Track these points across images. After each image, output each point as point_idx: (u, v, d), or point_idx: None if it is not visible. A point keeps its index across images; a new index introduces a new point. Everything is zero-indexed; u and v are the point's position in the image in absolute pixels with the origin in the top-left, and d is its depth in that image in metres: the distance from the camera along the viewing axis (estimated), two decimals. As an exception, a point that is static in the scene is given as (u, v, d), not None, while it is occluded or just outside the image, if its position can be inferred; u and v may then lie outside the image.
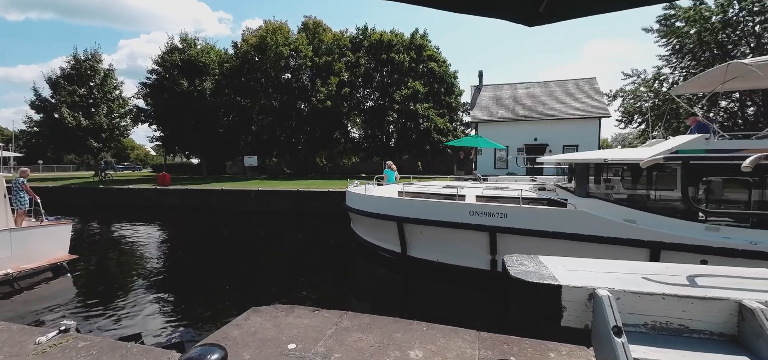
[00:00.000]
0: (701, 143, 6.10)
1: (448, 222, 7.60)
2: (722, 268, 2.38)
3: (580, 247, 6.63)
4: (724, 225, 6.02)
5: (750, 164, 2.04)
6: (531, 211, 7.06)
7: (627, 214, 6.57)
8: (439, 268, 8.04)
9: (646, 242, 6.25)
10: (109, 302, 6.80)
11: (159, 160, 51.38)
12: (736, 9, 19.81)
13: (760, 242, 5.63)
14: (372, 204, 8.85)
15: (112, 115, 32.85)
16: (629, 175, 7.17)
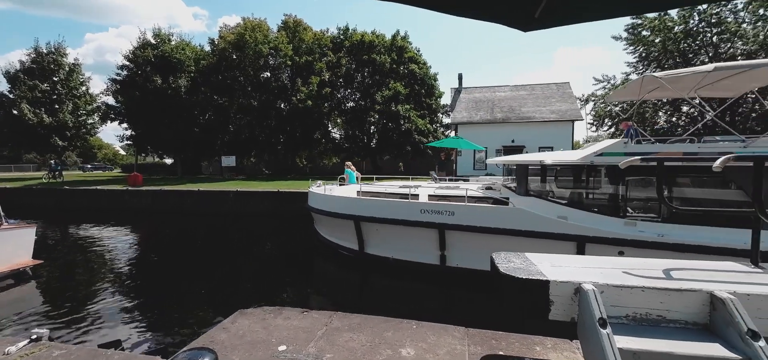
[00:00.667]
0: (620, 147, 6.88)
1: (401, 220, 8.00)
2: (695, 262, 2.55)
3: (519, 241, 7.18)
4: (640, 220, 6.67)
5: (720, 165, 2.20)
6: (475, 209, 7.58)
7: (560, 211, 7.15)
8: (393, 265, 8.41)
9: (573, 236, 6.85)
10: (81, 309, 6.45)
11: (129, 160, 49.11)
12: (696, 20, 21.13)
13: (665, 235, 6.38)
14: (331, 204, 9.12)
15: (78, 112, 31.17)
16: (563, 175, 7.85)
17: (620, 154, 6.67)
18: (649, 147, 6.73)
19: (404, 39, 30.56)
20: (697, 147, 6.56)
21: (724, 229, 6.16)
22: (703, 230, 6.28)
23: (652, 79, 6.90)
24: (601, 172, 7.20)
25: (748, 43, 20.09)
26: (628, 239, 6.51)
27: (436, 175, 11.42)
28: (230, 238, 13.04)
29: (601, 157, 6.91)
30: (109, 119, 31.10)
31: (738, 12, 20.74)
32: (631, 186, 7.02)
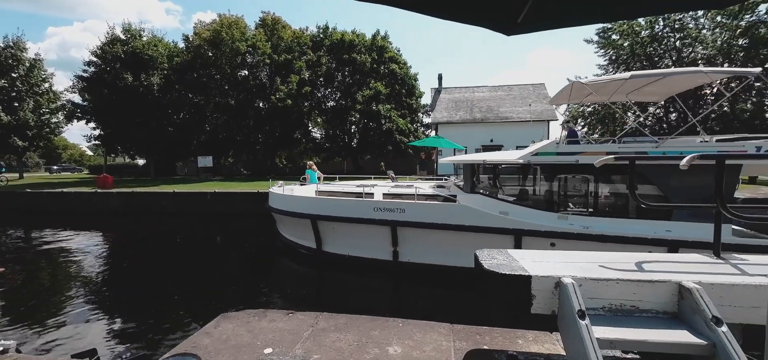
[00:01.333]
0: (552, 148, 7.42)
1: (355, 218, 8.29)
2: (664, 255, 2.71)
3: (464, 236, 7.57)
4: (571, 214, 7.25)
5: (686, 163, 2.35)
6: (424, 206, 7.96)
7: (502, 207, 7.61)
8: (349, 261, 8.70)
9: (512, 230, 7.32)
10: (50, 318, 6.12)
11: (98, 161, 46.77)
12: (661, 25, 22.29)
13: (590, 227, 6.99)
14: (290, 204, 9.30)
15: (40, 110, 29.37)
16: (504, 174, 8.37)
17: (553, 154, 7.29)
18: (575, 147, 7.32)
19: (384, 39, 30.62)
20: (617, 147, 7.15)
21: (638, 221, 6.86)
22: (622, 222, 6.94)
23: (579, 85, 7.49)
24: (538, 170, 7.74)
25: (708, 48, 21.38)
26: (559, 232, 7.05)
27: (392, 174, 11.88)
28: (208, 241, 12.69)
29: (536, 156, 7.43)
30: (75, 118, 29.46)
31: (698, 18, 22.01)
32: (564, 183, 7.62)
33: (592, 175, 7.29)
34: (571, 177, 7.54)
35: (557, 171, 7.48)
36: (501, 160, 8.13)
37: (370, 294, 7.78)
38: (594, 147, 7.29)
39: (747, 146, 6.47)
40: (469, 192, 8.14)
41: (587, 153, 7.11)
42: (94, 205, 18.62)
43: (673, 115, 24.23)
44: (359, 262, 8.60)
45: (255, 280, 8.80)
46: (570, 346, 2.08)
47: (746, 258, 2.55)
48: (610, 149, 7.05)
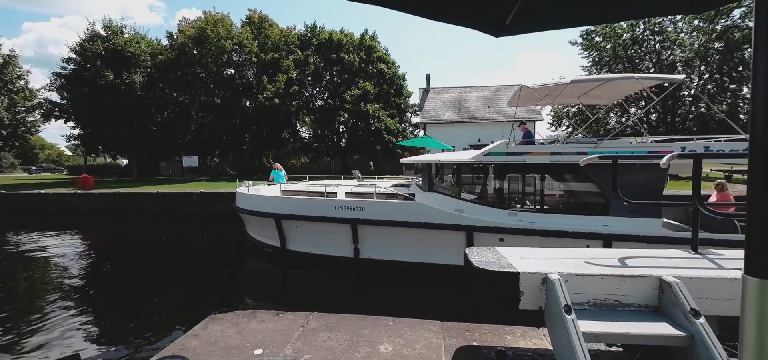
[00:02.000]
0: (502, 148, 7.78)
1: (317, 217, 8.50)
2: (645, 251, 2.81)
3: (422, 233, 7.89)
4: (520, 211, 7.69)
5: (666, 161, 2.44)
6: (383, 205, 8.26)
7: (457, 205, 7.92)
8: (312, 259, 8.91)
9: (464, 227, 7.66)
10: (30, 323, 5.91)
11: (77, 161, 45.31)
12: (642, 28, 22.94)
13: (535, 222, 7.39)
14: (255, 203, 9.46)
15: (15, 108, 28.29)
16: (460, 173, 8.64)
17: (502, 154, 7.72)
18: (523, 148, 7.79)
19: (373, 38, 30.60)
20: (561, 147, 7.57)
21: (580, 216, 7.36)
22: (565, 218, 7.41)
23: (527, 90, 8.04)
24: (490, 170, 8.10)
25: (686, 51, 22.11)
26: (507, 228, 7.43)
27: (358, 173, 12.12)
28: (194, 242, 12.46)
29: (488, 156, 7.79)
30: (53, 117, 28.46)
31: (677, 22, 22.75)
32: (513, 182, 8.06)
33: (538, 174, 7.75)
34: (519, 176, 8.00)
35: (507, 170, 7.91)
36: (455, 160, 8.44)
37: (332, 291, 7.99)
38: (539, 148, 7.75)
39: (674, 147, 7.08)
40: (427, 191, 8.47)
41: (534, 153, 7.57)
42: (74, 206, 18.04)
43: (653, 116, 24.98)
44: (322, 260, 8.78)
45: (224, 281, 8.80)
46: (557, 341, 2.13)
47: (722, 252, 2.66)
48: (555, 150, 7.48)
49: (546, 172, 7.70)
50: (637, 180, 6.96)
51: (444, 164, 8.55)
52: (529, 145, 7.97)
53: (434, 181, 8.64)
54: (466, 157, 8.03)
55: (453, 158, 8.50)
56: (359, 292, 8.02)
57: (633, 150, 7.09)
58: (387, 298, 7.51)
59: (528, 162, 7.54)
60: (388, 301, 7.32)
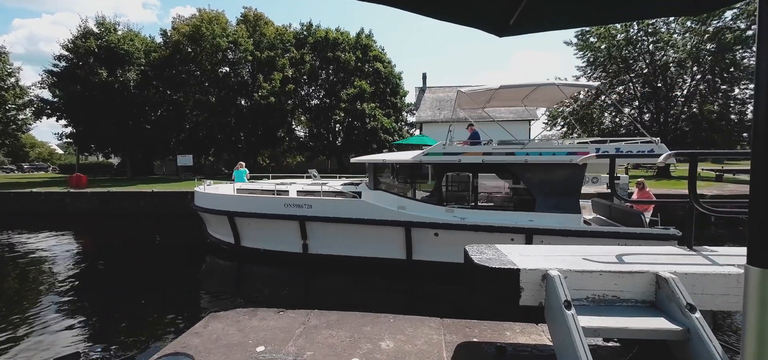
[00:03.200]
0: (439, 149, 8.24)
1: (268, 214, 8.86)
2: (642, 247, 2.86)
3: (366, 229, 8.33)
4: (456, 207, 8.12)
5: (663, 160, 2.49)
6: (330, 202, 8.71)
7: (400, 203, 8.36)
8: (264, 255, 9.26)
9: (402, 222, 8.09)
10: (25, 324, 5.85)
11: (69, 160, 44.70)
12: (635, 29, 23.15)
13: (466, 218, 7.88)
14: (211, 201, 9.79)
15: (5, 106, 27.80)
16: (402, 172, 9.09)
17: (440, 154, 8.18)
18: (459, 148, 8.31)
19: (369, 37, 30.57)
20: (492, 148, 8.14)
21: (509, 212, 8.01)
22: (495, 213, 8.01)
23: (461, 94, 8.64)
24: (429, 169, 8.51)
25: (678, 52, 22.37)
26: (441, 223, 7.92)
27: (314, 172, 12.54)
28: (190, 241, 12.38)
29: (427, 156, 8.23)
30: (44, 115, 28.03)
31: (670, 23, 23.00)
32: (449, 180, 8.49)
33: (472, 173, 8.22)
34: (455, 174, 8.45)
35: (444, 169, 8.34)
36: (398, 160, 8.82)
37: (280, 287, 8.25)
38: (471, 148, 8.28)
39: (590, 148, 7.64)
40: (373, 189, 8.88)
41: (468, 153, 8.06)
42: (66, 206, 17.83)
43: (647, 116, 25.27)
44: (273, 256, 9.15)
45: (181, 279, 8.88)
46: (557, 336, 2.17)
47: (716, 249, 2.73)
48: (487, 151, 8.06)
49: (479, 172, 8.21)
50: (558, 177, 7.64)
51: (387, 163, 8.94)
52: (464, 146, 8.43)
53: (381, 180, 9.04)
54: (407, 157, 8.43)
55: (395, 158, 8.89)
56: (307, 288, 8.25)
57: (556, 150, 7.70)
58: (383, 296, 7.54)
59: (463, 162, 8.02)
60: (384, 299, 7.35)
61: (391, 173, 9.18)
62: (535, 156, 7.67)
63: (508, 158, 7.84)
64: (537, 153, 7.67)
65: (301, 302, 7.24)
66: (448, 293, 7.32)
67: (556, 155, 7.61)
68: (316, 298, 7.62)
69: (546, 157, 7.64)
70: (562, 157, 7.57)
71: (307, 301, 7.43)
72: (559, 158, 7.58)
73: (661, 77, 23.35)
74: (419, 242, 8.22)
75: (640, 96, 24.69)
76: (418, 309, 5.20)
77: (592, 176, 13.97)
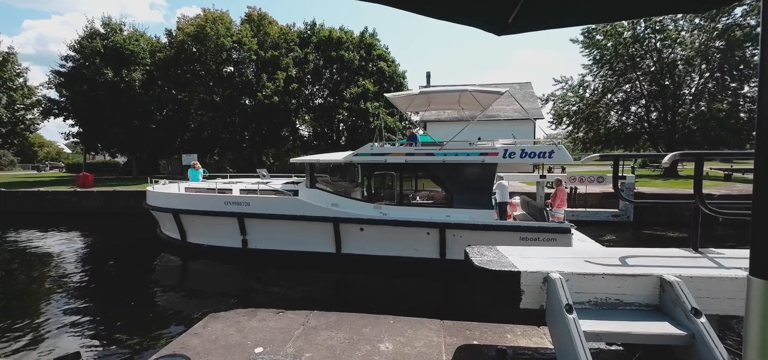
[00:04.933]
0: (368, 149, 8.76)
1: (210, 211, 9.38)
2: (645, 250, 2.80)
3: (301, 225, 8.78)
4: (383, 204, 8.65)
5: (668, 160, 2.44)
6: (267, 200, 9.17)
7: (334, 200, 8.90)
8: (207, 250, 9.71)
9: (331, 218, 8.59)
10: (30, 323, 5.91)
11: (76, 159, 45.22)
12: (643, 26, 22.85)
13: (388, 214, 8.46)
14: (159, 200, 10.27)
15: (14, 106, 28.18)
16: (335, 172, 9.54)
17: (368, 155, 8.72)
18: (385, 148, 8.83)
19: (372, 36, 30.53)
20: (414, 149, 8.63)
21: (427, 208, 8.60)
22: (415, 210, 8.57)
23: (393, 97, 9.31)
24: (359, 168, 8.95)
25: (686, 49, 22.04)
26: (365, 218, 8.49)
27: (263, 172, 12.91)
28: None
29: (356, 156, 8.77)
30: (52, 114, 28.36)
31: (678, 20, 22.67)
32: (377, 179, 8.98)
33: (396, 172, 8.72)
34: (382, 173, 8.92)
35: (372, 169, 8.85)
36: (331, 160, 9.31)
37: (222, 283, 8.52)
38: (396, 149, 8.80)
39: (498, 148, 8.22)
40: (309, 187, 9.36)
41: (392, 154, 8.58)
42: (73, 205, 18.02)
43: (654, 115, 24.97)
44: (215, 251, 9.60)
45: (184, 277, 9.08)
46: (558, 340, 2.13)
47: (722, 252, 2.66)
48: (409, 151, 8.54)
49: (403, 171, 8.77)
50: (471, 176, 8.29)
51: (322, 163, 9.45)
52: (390, 147, 8.96)
53: (318, 179, 9.50)
54: (340, 157, 9.03)
55: (329, 158, 9.41)
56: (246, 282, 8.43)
57: (469, 151, 8.29)
58: (381, 295, 7.51)
59: (388, 162, 8.58)
60: (377, 298, 7.33)
61: (327, 173, 9.62)
62: (451, 156, 8.25)
63: (428, 158, 8.39)
64: (453, 154, 8.27)
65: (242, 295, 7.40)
66: (448, 292, 7.28)
67: (469, 156, 8.20)
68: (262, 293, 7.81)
69: (460, 158, 8.23)
70: (475, 157, 8.16)
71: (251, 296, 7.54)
72: (472, 158, 8.17)
73: (669, 75, 23.04)
74: (347, 237, 8.73)
75: (647, 94, 24.39)
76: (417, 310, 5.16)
77: (598, 176, 13.85)
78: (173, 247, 10.40)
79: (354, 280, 8.34)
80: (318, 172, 9.51)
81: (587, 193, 14.75)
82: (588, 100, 26.20)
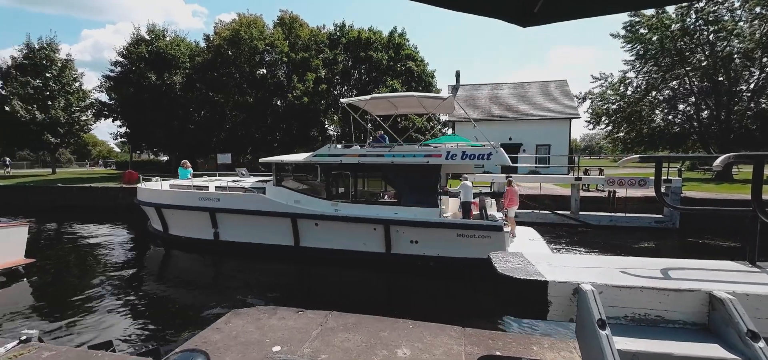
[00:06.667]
0: (325, 151, 9.37)
1: (185, 206, 10.31)
2: (692, 262, 2.53)
3: (266, 219, 9.45)
4: (340, 202, 9.24)
5: (720, 163, 2.18)
6: (235, 196, 9.96)
7: (297, 197, 9.54)
8: (184, 242, 10.62)
9: (290, 214, 9.24)
10: (72, 309, 6.37)
11: (124, 158, 48.66)
12: (693, 18, 21.13)
13: (339, 210, 9.07)
14: (146, 196, 11.33)
15: (71, 109, 30.72)
16: (298, 171, 10.10)
17: (326, 155, 9.31)
18: (342, 150, 9.32)
19: (401, 36, 30.41)
20: (366, 150, 9.14)
21: (378, 206, 8.99)
22: (367, 207, 9.00)
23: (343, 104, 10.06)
24: (319, 168, 9.53)
25: (745, 41, 20.14)
26: (319, 214, 9.10)
27: (243, 171, 13.57)
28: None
29: (315, 157, 9.42)
30: (102, 116, 30.65)
31: (735, 10, 20.78)
32: (335, 178, 9.47)
33: (350, 172, 9.27)
34: (338, 173, 9.44)
35: (330, 169, 9.41)
36: (294, 160, 10.01)
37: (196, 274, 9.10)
38: (351, 151, 9.27)
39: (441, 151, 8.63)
40: (275, 185, 9.97)
41: (347, 155, 9.14)
42: (120, 200, 19.32)
43: (705, 113, 23.10)
44: (190, 242, 10.49)
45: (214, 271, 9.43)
46: (588, 357, 1.96)
47: None
48: (362, 152, 9.09)
49: (356, 171, 9.30)
50: (416, 176, 8.78)
51: (286, 163, 10.10)
52: (344, 149, 9.42)
53: (283, 178, 10.09)
54: (301, 158, 9.70)
55: (292, 159, 10.09)
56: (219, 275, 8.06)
57: (415, 153, 8.78)
58: (402, 297, 7.41)
59: (343, 162, 9.16)
60: (398, 301, 7.22)
61: (291, 172, 10.24)
62: (399, 158, 8.75)
63: (378, 159, 8.93)
64: (400, 155, 8.77)
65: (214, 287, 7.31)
66: (471, 299, 7.06)
67: (415, 157, 8.67)
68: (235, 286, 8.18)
69: (407, 159, 8.71)
70: (420, 159, 8.62)
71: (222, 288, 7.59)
72: (417, 160, 8.63)
73: (724, 70, 21.14)
74: (304, 232, 9.37)
75: (697, 91, 22.54)
76: (437, 314, 5.03)
77: (640, 179, 12.95)
78: (157, 239, 11.50)
79: (374, 281, 8.31)
80: (283, 171, 10.16)
81: (627, 197, 13.85)
82: (630, 98, 24.59)
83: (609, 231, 12.77)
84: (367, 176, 9.64)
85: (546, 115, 25.42)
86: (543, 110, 25.94)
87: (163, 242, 11.17)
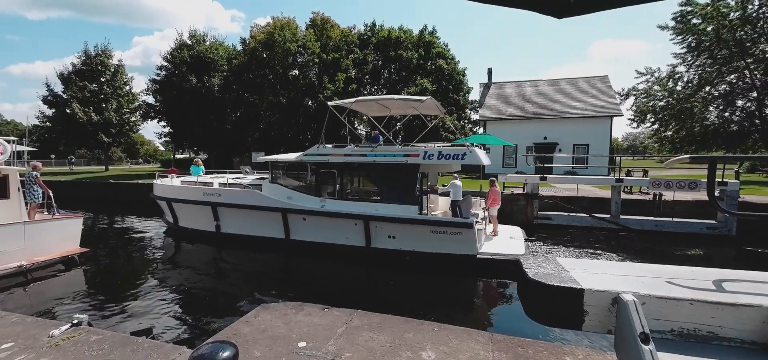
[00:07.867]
0: (315, 150, 9.86)
1: (190, 200, 11.22)
2: (751, 273, 2.28)
3: (261, 214, 10.09)
4: (328, 199, 9.69)
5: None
6: (234, 192, 10.71)
7: (289, 194, 10.09)
8: (191, 233, 11.49)
9: (279, 209, 9.86)
10: (119, 297, 6.85)
11: (167, 156, 51.91)
12: (756, 5, 19.21)
13: (324, 206, 9.56)
14: (160, 191, 12.19)
15: (121, 110, 33.21)
16: (290, 169, 10.64)
17: (315, 155, 9.82)
18: (330, 149, 9.79)
19: (432, 34, 30.11)
20: (351, 150, 9.52)
21: (362, 203, 9.44)
22: (351, 204, 9.46)
23: (330, 107, 10.58)
24: (309, 166, 10.04)
25: (817, 30, 18.06)
26: (307, 209, 9.64)
27: (247, 169, 14.05)
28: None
29: (306, 156, 9.90)
30: (149, 117, 32.86)
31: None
32: (324, 176, 9.89)
33: (337, 171, 9.72)
34: (326, 171, 9.87)
35: (319, 167, 9.88)
36: (287, 159, 10.48)
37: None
38: (337, 150, 9.71)
39: (419, 151, 8.90)
40: (271, 182, 10.49)
41: (334, 154, 9.61)
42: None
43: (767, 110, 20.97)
44: (196, 233, 11.36)
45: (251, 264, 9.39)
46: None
47: None
48: (348, 152, 9.48)
49: (342, 170, 9.74)
50: (396, 175, 9.04)
51: (281, 162, 10.67)
52: (331, 148, 9.84)
53: (278, 175, 10.61)
54: (292, 157, 10.22)
55: (286, 158, 10.56)
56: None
57: (395, 152, 9.08)
58: (425, 295, 7.30)
59: (330, 161, 9.62)
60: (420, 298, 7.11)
61: (285, 170, 10.75)
62: (380, 157, 9.10)
63: (361, 159, 9.31)
64: (382, 155, 9.11)
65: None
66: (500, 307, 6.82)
67: (395, 157, 8.99)
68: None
69: (387, 158, 9.04)
70: (399, 158, 8.94)
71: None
72: (397, 159, 8.95)
73: (791, 62, 19.07)
74: (293, 225, 9.95)
75: (759, 86, 20.48)
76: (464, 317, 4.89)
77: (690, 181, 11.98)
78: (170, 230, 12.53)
79: (402, 279, 8.26)
80: (278, 169, 10.75)
81: (675, 201, 12.85)
82: (679, 94, 22.76)
83: (653, 237, 11.89)
84: (353, 175, 10.10)
85: (584, 113, 24.15)
86: (581, 108, 24.67)
87: (173, 233, 12.18)
